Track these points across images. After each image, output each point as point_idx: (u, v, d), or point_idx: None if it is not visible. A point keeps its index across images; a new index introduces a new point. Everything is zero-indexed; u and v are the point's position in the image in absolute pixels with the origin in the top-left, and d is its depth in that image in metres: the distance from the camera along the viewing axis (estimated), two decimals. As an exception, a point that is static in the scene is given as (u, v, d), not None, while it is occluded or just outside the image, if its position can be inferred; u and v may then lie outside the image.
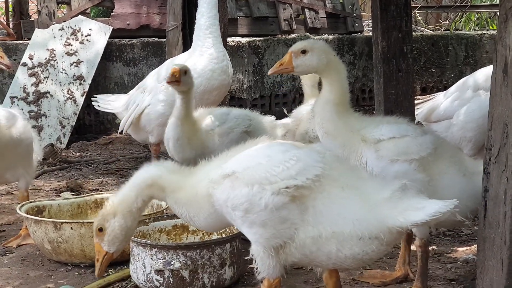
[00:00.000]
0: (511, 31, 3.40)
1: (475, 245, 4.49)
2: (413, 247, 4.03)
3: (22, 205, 4.71)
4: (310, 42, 3.87)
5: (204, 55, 5.92)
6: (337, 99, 3.85)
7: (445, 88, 10.33)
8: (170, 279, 3.88)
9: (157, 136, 6.20)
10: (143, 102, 6.22)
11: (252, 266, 4.27)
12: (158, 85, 6.15)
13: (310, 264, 3.27)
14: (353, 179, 3.17)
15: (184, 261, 3.87)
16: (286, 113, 6.77)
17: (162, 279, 3.89)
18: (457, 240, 4.81)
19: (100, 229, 3.38)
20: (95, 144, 8.43)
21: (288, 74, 9.77)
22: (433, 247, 4.61)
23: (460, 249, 4.61)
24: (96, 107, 6.98)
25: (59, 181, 6.86)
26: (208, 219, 3.30)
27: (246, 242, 4.67)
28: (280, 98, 9.77)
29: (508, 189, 3.46)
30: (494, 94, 3.56)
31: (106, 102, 6.87)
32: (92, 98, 7.04)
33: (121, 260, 4.36)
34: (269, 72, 3.91)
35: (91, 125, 9.02)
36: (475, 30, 13.01)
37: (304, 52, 3.78)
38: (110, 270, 4.32)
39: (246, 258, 4.32)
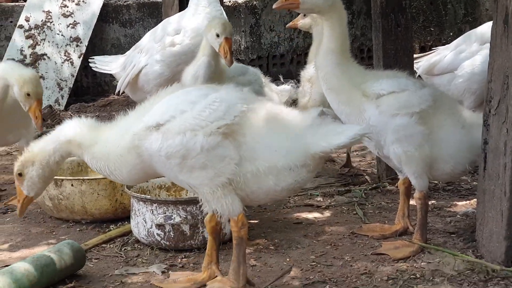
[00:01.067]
0: (512, -19, 3.39)
1: (474, 199, 4.51)
2: (412, 202, 4.05)
3: (22, 163, 4.70)
4: None
5: (202, 14, 5.87)
6: (338, 47, 3.86)
7: (443, 47, 10.32)
8: (171, 233, 3.90)
9: None
10: (139, 62, 6.18)
11: (252, 221, 4.35)
12: (155, 45, 6.11)
13: (249, 204, 3.36)
14: (274, 111, 3.30)
15: (184, 216, 3.88)
16: (282, 80, 6.78)
17: (163, 233, 3.90)
18: (457, 195, 4.83)
19: (20, 174, 3.44)
20: (93, 106, 8.42)
21: (286, 35, 9.73)
22: (433, 201, 4.64)
23: (460, 203, 4.63)
24: (93, 69, 6.93)
25: (58, 142, 6.85)
26: (132, 172, 3.33)
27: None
28: (278, 59, 9.72)
29: (508, 140, 3.47)
30: (494, 45, 3.56)
31: (104, 63, 6.82)
32: (89, 60, 6.99)
33: (122, 216, 4.39)
34: (274, 6, 3.88)
35: (89, 87, 8.98)
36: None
37: None
38: (111, 226, 4.36)
39: (246, 214, 4.38)
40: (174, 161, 3.17)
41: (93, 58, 6.91)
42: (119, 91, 6.38)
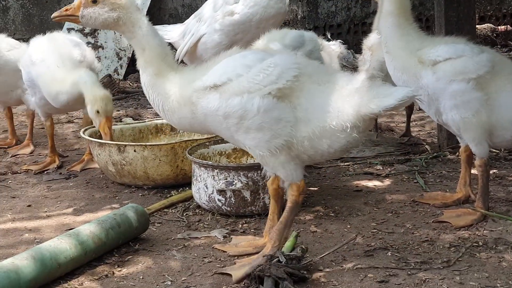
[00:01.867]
0: None
1: (538, 168, 4.44)
2: (474, 170, 3.99)
3: (86, 130, 4.79)
4: None
5: None
6: (397, 9, 3.84)
7: (504, 17, 10.09)
8: (232, 199, 3.93)
9: None
10: (198, 31, 6.19)
11: (312, 188, 4.35)
12: (214, 14, 6.12)
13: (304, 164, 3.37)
14: (324, 74, 3.33)
15: (246, 182, 3.90)
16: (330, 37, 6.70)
17: (224, 199, 3.94)
18: (518, 164, 4.75)
19: (94, 1, 3.37)
20: (151, 75, 8.46)
21: (343, 4, 9.62)
22: (494, 170, 4.57)
23: (521, 173, 4.56)
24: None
25: (118, 111, 6.94)
26: (183, 121, 3.40)
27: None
28: (335, 29, 9.63)
29: None
30: None
31: (163, 32, 6.84)
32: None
33: (183, 182, 4.44)
34: None
35: (147, 56, 9.03)
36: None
37: None
38: (172, 191, 4.41)
39: (306, 181, 4.39)
40: (231, 121, 3.21)
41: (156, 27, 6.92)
42: (177, 59, 6.41)
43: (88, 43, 8.34)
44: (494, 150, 4.90)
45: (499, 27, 9.81)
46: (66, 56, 4.85)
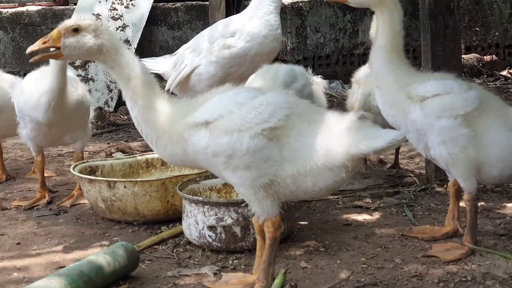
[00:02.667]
0: None
1: (526, 201, 4.46)
2: (462, 204, 4.00)
3: (76, 165, 4.78)
4: None
5: (261, 20, 5.84)
6: (390, 44, 3.85)
7: (489, 47, 10.19)
8: (222, 235, 3.92)
9: None
10: (193, 62, 6.18)
11: (302, 222, 4.35)
12: (209, 46, 6.11)
13: (285, 200, 3.45)
14: (314, 113, 3.35)
15: (236, 217, 3.90)
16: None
17: (214, 235, 3.93)
18: (505, 196, 4.76)
19: (75, 30, 3.22)
20: (141, 107, 8.47)
21: (331, 36, 9.70)
22: (482, 203, 4.58)
23: (509, 205, 4.56)
24: None
25: (108, 143, 6.95)
26: (174, 157, 3.36)
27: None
28: (324, 60, 9.71)
29: (561, 143, 3.41)
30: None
31: (151, 64, 6.85)
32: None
33: (173, 217, 4.43)
34: None
35: (137, 88, 9.05)
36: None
37: None
38: (163, 227, 4.39)
39: (296, 215, 4.39)
40: (219, 160, 3.21)
41: (141, 60, 6.93)
42: (168, 90, 6.41)
43: (78, 75, 8.36)
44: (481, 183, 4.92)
45: (484, 56, 9.92)
46: None
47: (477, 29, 10.21)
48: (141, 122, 3.32)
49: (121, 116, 8.33)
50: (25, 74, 8.45)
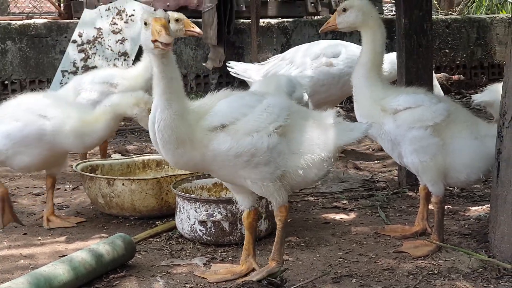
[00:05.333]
0: (526, 7, 3.42)
1: (486, 205, 4.54)
2: (430, 206, 4.08)
3: (78, 164, 4.82)
4: (351, 0, 4.05)
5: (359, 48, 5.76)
6: (367, 62, 3.95)
7: (458, 67, 10.32)
8: (212, 229, 3.97)
9: None
10: (289, 73, 6.01)
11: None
12: (309, 61, 6.03)
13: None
14: (304, 112, 3.55)
15: (225, 214, 3.96)
16: None
17: (204, 229, 3.98)
18: (470, 201, 4.84)
19: (344, 10, 3.92)
20: (138, 114, 8.50)
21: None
22: (448, 206, 4.66)
23: (473, 208, 4.65)
24: (232, 74, 6.68)
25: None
26: (189, 162, 3.25)
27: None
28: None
29: (520, 151, 3.50)
30: (509, 64, 3.60)
31: (243, 70, 6.57)
32: (227, 64, 6.81)
33: (167, 213, 4.48)
34: (320, 30, 4.22)
35: (134, 97, 9.08)
36: (486, 14, 12.89)
37: (344, 10, 4.03)
38: (157, 222, 4.44)
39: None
40: (241, 159, 3.23)
41: (230, 63, 6.77)
42: None
43: (80, 84, 8.39)
44: (448, 188, 5.01)
45: (453, 76, 10.02)
46: None
47: (447, 50, 10.33)
48: (166, 127, 3.13)
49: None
50: (30, 82, 8.59)
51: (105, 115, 4.32)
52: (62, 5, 9.93)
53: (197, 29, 5.66)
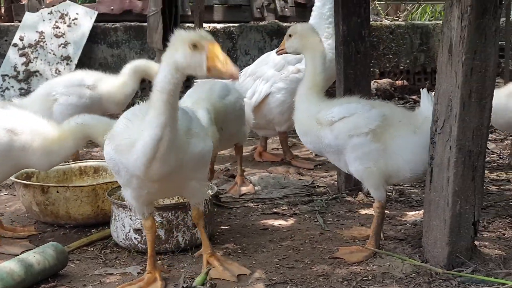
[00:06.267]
0: (455, 15, 3.47)
1: (423, 210, 4.57)
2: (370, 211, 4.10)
3: (12, 171, 4.69)
4: (295, 26, 4.21)
5: (325, 44, 5.70)
6: (309, 82, 4.04)
7: (401, 73, 10.46)
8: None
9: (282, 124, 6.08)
10: (261, 91, 5.94)
11: (223, 227, 4.38)
12: (276, 73, 5.93)
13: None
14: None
15: (160, 221, 3.90)
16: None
17: (140, 237, 3.92)
18: (407, 206, 4.89)
19: (290, 35, 4.12)
20: (81, 119, 8.37)
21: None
22: (386, 211, 4.66)
23: (410, 213, 4.69)
24: None
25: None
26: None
27: (217, 205, 4.74)
28: (252, 80, 9.76)
29: (451, 156, 3.55)
30: (440, 71, 3.63)
31: None
32: (194, 82, 6.70)
33: (103, 221, 4.40)
34: (275, 52, 4.54)
35: (77, 102, 8.93)
36: (429, 20, 13.10)
37: (290, 36, 4.20)
38: (93, 230, 4.36)
39: (218, 220, 4.41)
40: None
41: (197, 81, 6.60)
42: None
43: (21, 88, 8.23)
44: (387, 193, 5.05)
45: (396, 81, 10.16)
46: None
47: (390, 56, 10.45)
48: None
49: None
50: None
51: (75, 133, 4.08)
52: (2, 8, 9.71)
53: None
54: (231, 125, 4.78)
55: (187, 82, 5.27)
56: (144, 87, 8.50)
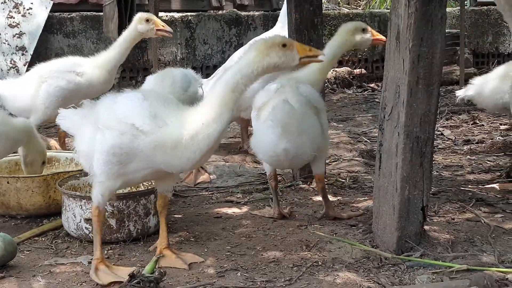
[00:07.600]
0: (402, 2, 3.51)
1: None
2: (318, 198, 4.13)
3: (-38, 162, 4.63)
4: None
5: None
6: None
7: (359, 61, 10.52)
8: (99, 227, 3.88)
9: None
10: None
11: (176, 216, 4.37)
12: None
13: None
14: None
15: (111, 211, 3.88)
16: None
17: (90, 227, 3.88)
18: (360, 192, 4.93)
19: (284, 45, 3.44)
20: (37, 110, 8.27)
21: (218, 47, 9.77)
22: (339, 198, 4.73)
23: (362, 199, 4.73)
24: None
25: None
26: None
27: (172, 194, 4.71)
28: (211, 70, 9.72)
29: (399, 143, 3.59)
30: (388, 58, 3.66)
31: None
32: None
33: (55, 211, 4.35)
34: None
35: (34, 93, 8.81)
36: (387, 9, 13.17)
37: None
38: (44, 220, 4.31)
39: (172, 209, 4.40)
40: None
41: None
42: None
43: None
44: (340, 179, 5.11)
45: (355, 70, 10.21)
46: None
47: (349, 45, 10.51)
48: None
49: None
50: None
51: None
52: (-44, -3, 9.50)
53: (168, 28, 5.59)
54: None
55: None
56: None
